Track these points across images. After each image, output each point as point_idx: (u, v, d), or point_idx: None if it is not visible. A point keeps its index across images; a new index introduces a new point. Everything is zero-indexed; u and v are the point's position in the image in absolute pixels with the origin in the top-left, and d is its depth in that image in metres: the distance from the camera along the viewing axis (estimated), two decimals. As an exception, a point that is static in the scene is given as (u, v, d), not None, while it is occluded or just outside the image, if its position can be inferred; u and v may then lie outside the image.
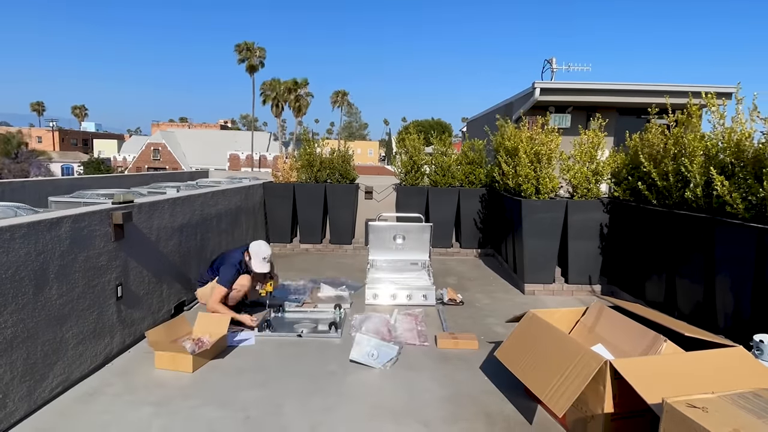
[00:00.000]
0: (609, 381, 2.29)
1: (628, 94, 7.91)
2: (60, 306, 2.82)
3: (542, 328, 2.88)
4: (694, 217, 3.64)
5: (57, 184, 9.79)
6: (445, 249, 7.14)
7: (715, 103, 3.78)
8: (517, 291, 5.40)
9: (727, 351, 2.40)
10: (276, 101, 46.25)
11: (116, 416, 2.66)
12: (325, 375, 3.22)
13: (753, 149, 3.36)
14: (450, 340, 3.73)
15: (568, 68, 10.81)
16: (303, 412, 2.75)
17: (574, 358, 2.43)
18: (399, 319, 4.22)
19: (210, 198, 5.09)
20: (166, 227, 4.10)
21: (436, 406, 2.84)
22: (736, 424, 1.61)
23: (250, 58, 42.95)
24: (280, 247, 7.24)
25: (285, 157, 7.79)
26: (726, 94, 6.56)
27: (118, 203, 3.46)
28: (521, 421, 2.70)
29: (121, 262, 3.42)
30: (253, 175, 16.08)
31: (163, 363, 3.21)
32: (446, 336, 3.81)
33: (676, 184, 4.03)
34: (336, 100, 61.58)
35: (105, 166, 31.23)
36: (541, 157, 5.26)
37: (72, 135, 59.44)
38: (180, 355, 3.18)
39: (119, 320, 3.40)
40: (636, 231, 4.52)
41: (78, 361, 3.01)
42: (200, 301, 4.29)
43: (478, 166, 7.11)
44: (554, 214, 5.08)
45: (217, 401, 2.84)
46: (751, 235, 3.03)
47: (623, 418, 2.34)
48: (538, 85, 7.89)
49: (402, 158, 7.32)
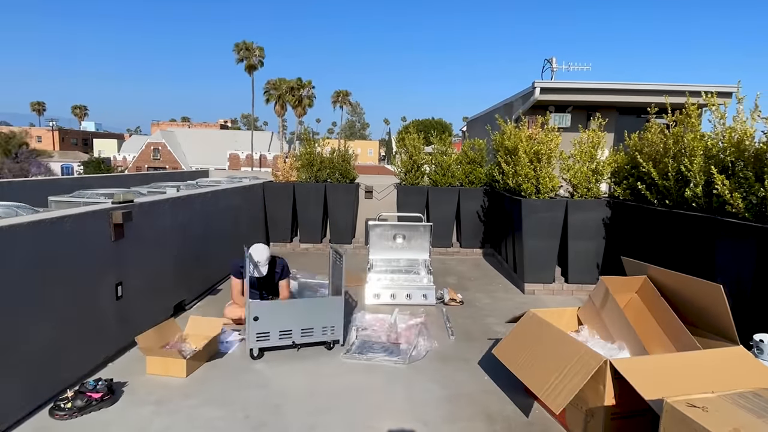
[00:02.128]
0: (609, 380, 2.29)
1: (628, 94, 7.90)
2: (60, 306, 2.82)
3: (542, 327, 2.88)
4: (695, 217, 3.64)
5: (57, 183, 9.78)
6: (445, 249, 7.14)
7: (715, 102, 3.77)
8: (517, 290, 5.40)
9: (727, 351, 2.40)
10: (279, 100, 46.34)
11: (116, 416, 2.66)
12: (325, 375, 3.22)
13: (754, 148, 3.35)
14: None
15: (568, 68, 10.82)
16: (303, 412, 2.75)
17: (574, 356, 2.43)
18: (399, 318, 4.22)
19: (210, 198, 5.09)
20: (166, 227, 4.09)
21: (436, 406, 2.84)
22: (736, 424, 1.60)
23: (249, 57, 42.99)
24: (281, 246, 7.24)
25: (285, 157, 7.77)
26: (726, 94, 6.56)
27: (118, 203, 3.46)
28: (521, 420, 2.70)
29: (121, 262, 3.42)
30: (253, 174, 16.06)
31: (155, 368, 3.14)
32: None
33: (676, 184, 4.03)
34: (337, 100, 61.62)
35: (105, 166, 31.19)
36: (540, 156, 5.26)
37: (72, 134, 59.41)
38: (172, 360, 3.13)
39: (119, 320, 3.40)
40: (636, 230, 4.51)
41: (78, 361, 3.01)
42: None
43: (478, 165, 7.11)
44: (554, 214, 5.08)
45: (216, 401, 2.84)
46: (752, 235, 3.03)
47: (623, 417, 2.34)
48: (538, 85, 7.89)
49: (402, 158, 7.32)
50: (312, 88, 48.13)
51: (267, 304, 3.63)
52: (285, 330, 3.46)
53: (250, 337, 3.39)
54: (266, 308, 3.46)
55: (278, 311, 3.49)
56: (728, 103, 3.83)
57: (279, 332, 3.45)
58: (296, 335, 3.51)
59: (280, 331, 3.45)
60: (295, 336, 3.50)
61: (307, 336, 3.54)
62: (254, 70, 43.83)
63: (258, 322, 3.37)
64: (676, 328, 2.82)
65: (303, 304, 3.76)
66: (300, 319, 3.51)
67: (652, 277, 3.08)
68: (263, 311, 3.40)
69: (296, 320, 3.50)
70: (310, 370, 3.28)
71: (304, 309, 3.59)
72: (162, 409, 2.73)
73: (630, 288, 3.21)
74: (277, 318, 3.45)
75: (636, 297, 3.19)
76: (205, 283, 4.94)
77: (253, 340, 3.39)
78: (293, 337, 3.50)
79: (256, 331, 3.38)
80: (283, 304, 3.75)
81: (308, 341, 3.56)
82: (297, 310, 3.57)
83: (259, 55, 43.40)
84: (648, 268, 3.10)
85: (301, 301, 3.88)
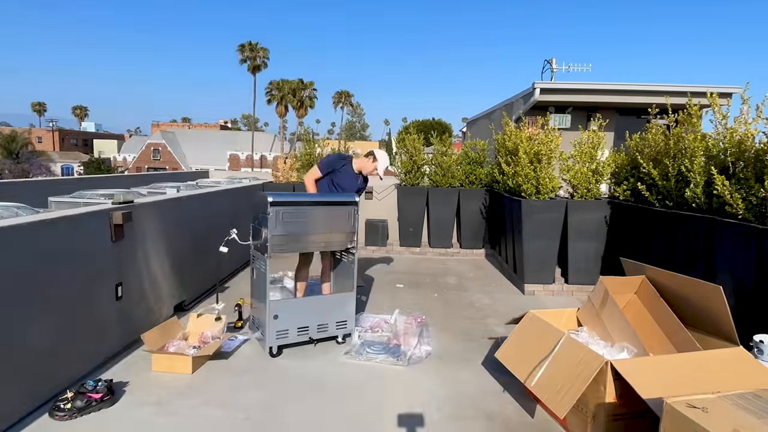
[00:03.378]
0: (610, 381, 2.29)
1: (628, 94, 7.91)
2: (60, 306, 2.82)
3: (542, 329, 2.88)
4: (695, 218, 3.64)
5: (57, 184, 9.78)
6: (445, 249, 7.14)
7: (717, 102, 3.78)
8: (517, 291, 5.39)
9: (727, 351, 2.40)
10: (282, 101, 46.45)
11: (116, 416, 2.66)
12: (325, 375, 3.22)
13: (754, 149, 3.35)
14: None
15: (568, 68, 10.82)
16: (303, 412, 2.75)
17: (575, 358, 2.43)
18: (399, 319, 4.22)
19: (210, 198, 5.09)
20: (166, 227, 4.09)
21: (436, 406, 2.84)
22: (736, 425, 1.60)
23: (253, 58, 43.12)
24: (281, 247, 7.23)
25: (285, 158, 7.78)
26: (727, 95, 6.56)
27: (117, 203, 3.46)
28: (521, 421, 2.70)
29: (121, 263, 3.42)
30: (253, 175, 16.06)
31: (161, 365, 3.18)
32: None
33: (676, 184, 4.03)
34: (338, 101, 61.70)
35: (105, 167, 31.23)
36: (541, 157, 5.26)
37: (72, 135, 59.39)
38: (178, 357, 3.19)
39: (119, 320, 3.40)
40: (636, 231, 4.51)
41: (78, 361, 3.01)
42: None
43: (478, 165, 7.11)
44: (554, 215, 5.08)
45: (217, 401, 2.84)
46: (752, 236, 3.03)
47: (624, 418, 2.34)
48: (538, 86, 7.90)
49: (402, 158, 7.32)
50: (314, 89, 48.31)
51: (288, 302, 3.74)
52: (302, 326, 3.57)
53: (270, 336, 3.43)
54: (286, 306, 3.57)
55: (297, 308, 3.60)
56: (729, 104, 3.83)
57: (297, 329, 3.55)
58: (313, 331, 3.61)
59: (298, 327, 3.55)
60: (311, 332, 3.60)
61: (323, 331, 3.65)
62: (258, 71, 43.96)
63: (278, 320, 3.43)
64: (675, 329, 2.82)
65: (321, 301, 3.83)
66: (317, 315, 3.63)
67: (651, 279, 3.08)
68: (282, 309, 3.48)
69: (314, 316, 3.61)
70: (311, 371, 3.28)
71: (322, 305, 3.70)
72: (162, 410, 2.73)
73: (629, 289, 3.21)
74: (297, 315, 3.55)
75: (635, 298, 3.19)
76: (205, 283, 4.94)
77: (273, 338, 3.44)
78: (310, 332, 3.59)
79: (276, 329, 3.44)
80: (302, 302, 3.83)
81: (323, 336, 3.67)
82: (315, 306, 3.68)
83: (263, 55, 43.55)
84: (647, 269, 3.10)
85: (319, 298, 3.96)
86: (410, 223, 7.12)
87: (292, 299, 3.98)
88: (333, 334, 3.71)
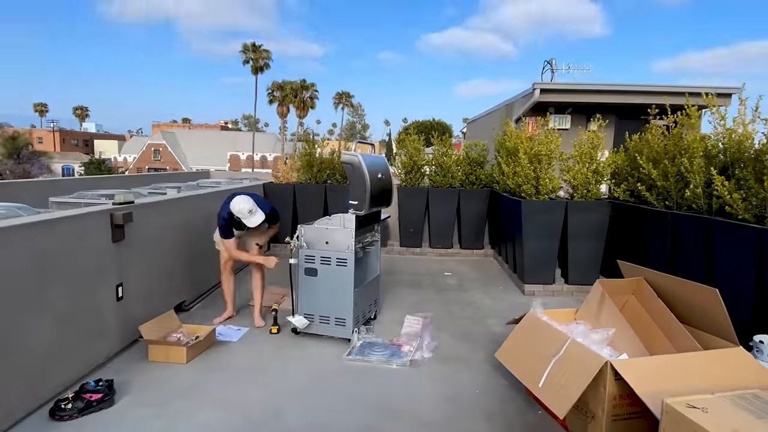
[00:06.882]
0: (609, 381, 2.29)
1: (627, 95, 7.91)
2: (60, 307, 2.82)
3: (542, 329, 2.88)
4: (694, 218, 3.64)
5: (58, 184, 9.79)
6: (446, 249, 7.15)
7: (716, 103, 3.78)
8: (518, 291, 5.40)
9: (727, 351, 2.40)
10: (283, 102, 46.55)
11: (116, 416, 2.66)
12: (326, 375, 3.23)
13: (754, 150, 3.36)
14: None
15: (568, 69, 10.83)
16: (303, 413, 2.75)
17: (575, 358, 2.43)
18: (405, 320, 4.21)
19: (211, 198, 5.09)
20: (166, 228, 4.10)
21: (437, 406, 2.84)
22: (735, 425, 1.61)
23: (255, 59, 43.27)
24: (281, 248, 7.24)
25: (285, 158, 7.79)
26: (726, 95, 6.57)
27: (118, 204, 3.47)
28: (521, 421, 2.70)
29: (122, 263, 3.42)
30: (253, 176, 16.07)
31: (157, 355, 3.33)
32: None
33: (676, 185, 4.03)
34: (339, 102, 61.74)
35: (106, 167, 31.21)
36: (541, 157, 5.26)
37: (73, 135, 59.36)
38: (173, 348, 3.34)
39: (119, 321, 3.40)
40: (636, 231, 4.52)
41: (79, 362, 3.02)
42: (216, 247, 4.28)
43: (478, 166, 7.11)
44: (554, 215, 5.08)
45: (216, 401, 2.84)
46: (752, 236, 3.03)
47: (624, 418, 2.34)
48: (538, 86, 7.89)
49: (402, 159, 7.33)
50: (315, 90, 48.45)
51: (358, 291, 3.81)
52: (366, 309, 4.00)
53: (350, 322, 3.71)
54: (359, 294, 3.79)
55: (362, 294, 3.88)
56: (728, 104, 3.84)
57: (363, 312, 3.92)
58: (371, 312, 4.05)
59: (363, 310, 3.94)
60: (371, 312, 4.02)
61: (371, 311, 4.10)
62: (260, 72, 44.08)
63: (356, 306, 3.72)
64: (674, 329, 2.82)
65: (369, 285, 4.11)
66: (369, 297, 4.04)
67: (648, 281, 3.08)
68: (357, 296, 3.74)
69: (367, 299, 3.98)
70: (312, 371, 3.28)
71: (370, 288, 4.09)
72: (162, 410, 2.73)
73: (626, 290, 3.20)
74: (363, 300, 3.89)
75: (633, 299, 3.19)
76: (206, 284, 4.94)
77: (352, 323, 3.71)
78: (370, 313, 4.00)
79: (354, 315, 3.71)
80: (362, 289, 3.95)
81: (372, 315, 4.12)
82: (367, 291, 4.00)
83: (265, 57, 43.70)
84: (644, 272, 3.10)
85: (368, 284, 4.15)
86: (411, 224, 7.13)
87: (358, 287, 3.91)
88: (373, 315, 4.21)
